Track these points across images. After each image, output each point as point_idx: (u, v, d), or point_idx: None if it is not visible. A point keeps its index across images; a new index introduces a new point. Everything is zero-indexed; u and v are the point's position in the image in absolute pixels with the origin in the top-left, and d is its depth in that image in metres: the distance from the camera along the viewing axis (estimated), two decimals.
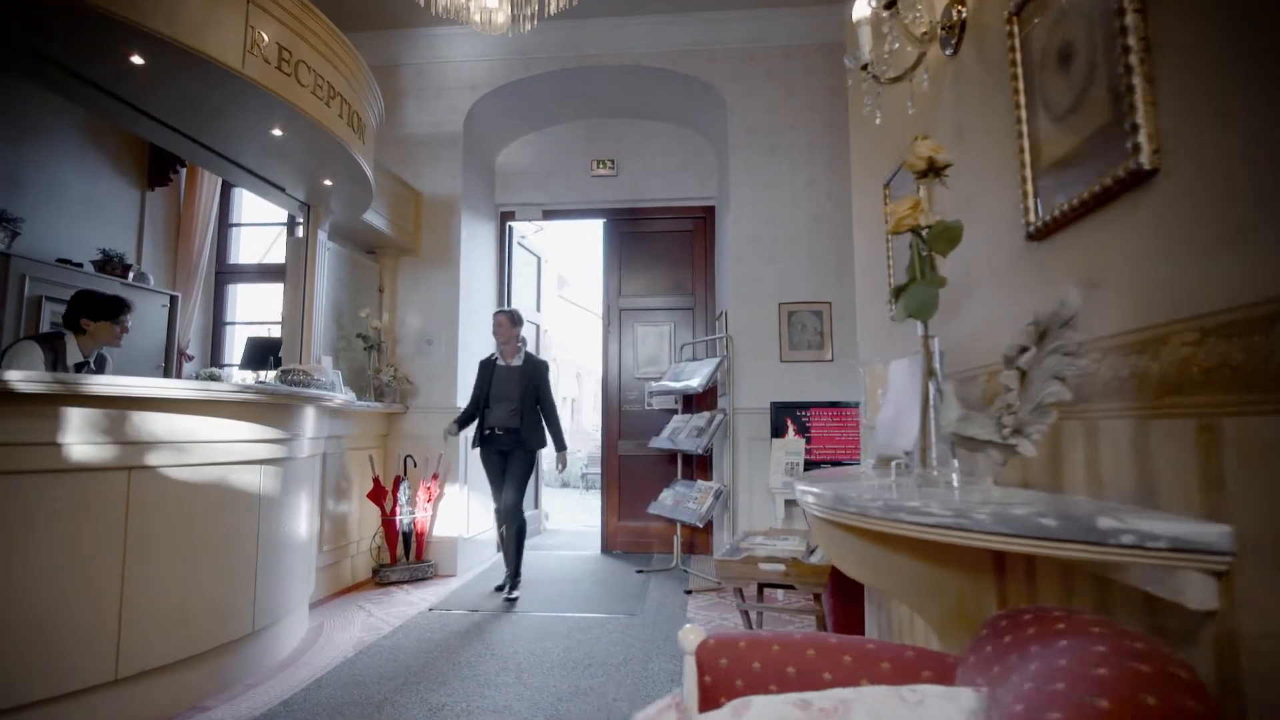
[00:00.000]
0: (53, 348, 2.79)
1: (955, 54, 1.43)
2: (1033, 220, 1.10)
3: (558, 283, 15.83)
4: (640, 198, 5.54)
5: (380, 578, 4.28)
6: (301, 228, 4.01)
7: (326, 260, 4.10)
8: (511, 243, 5.67)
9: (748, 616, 2.14)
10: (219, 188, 5.57)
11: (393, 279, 4.89)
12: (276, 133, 2.98)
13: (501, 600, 3.85)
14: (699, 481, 4.64)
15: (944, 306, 1.30)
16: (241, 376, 4.78)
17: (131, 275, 4.68)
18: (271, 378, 3.45)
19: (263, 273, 5.96)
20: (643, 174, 5.54)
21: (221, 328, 5.84)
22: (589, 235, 16.96)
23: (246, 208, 6.12)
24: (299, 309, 3.90)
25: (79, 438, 2.10)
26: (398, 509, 4.36)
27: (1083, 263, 1.00)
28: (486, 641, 3.19)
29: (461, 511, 4.69)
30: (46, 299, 4.00)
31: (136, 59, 2.38)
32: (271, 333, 5.74)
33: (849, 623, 2.33)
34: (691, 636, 1.24)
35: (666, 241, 5.68)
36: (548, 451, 4.24)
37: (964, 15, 1.40)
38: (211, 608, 2.50)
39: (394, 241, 4.65)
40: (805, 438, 4.28)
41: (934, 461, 1.17)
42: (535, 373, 3.98)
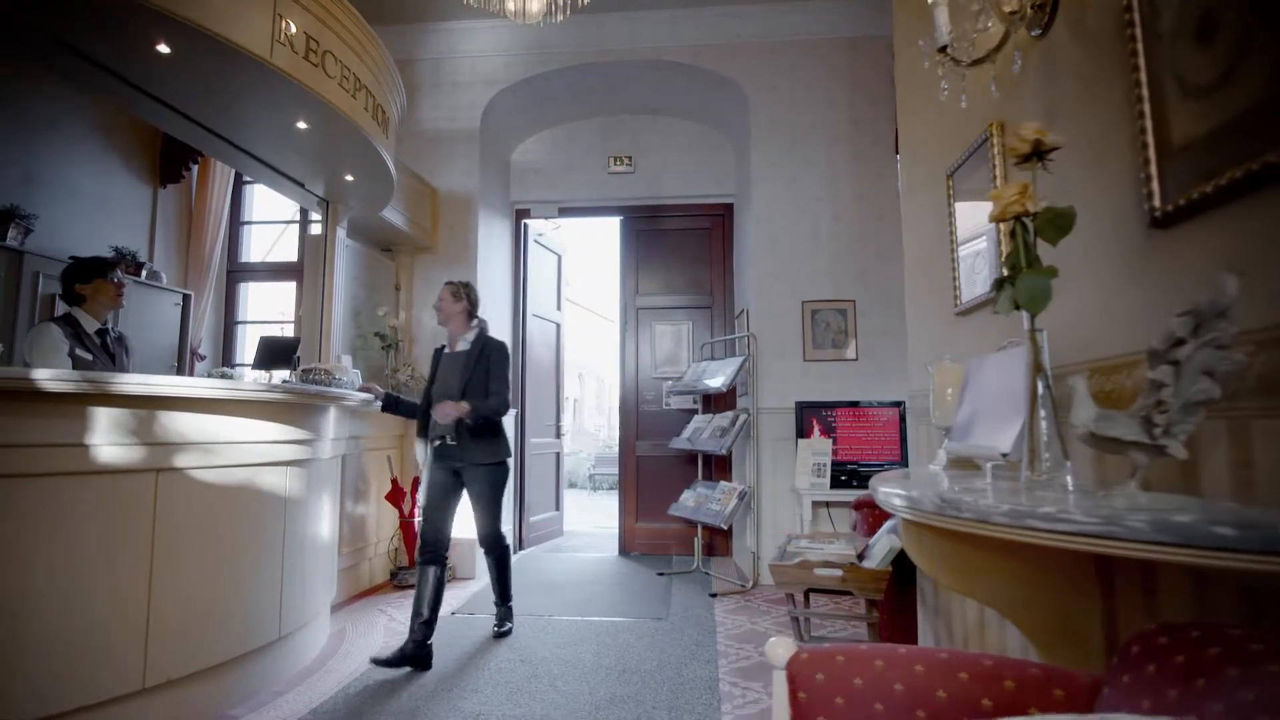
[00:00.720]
0: (70, 324, 2.76)
1: (1044, 34, 1.36)
2: (1157, 206, 1.03)
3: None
4: (658, 195, 5.46)
5: (398, 580, 4.21)
6: (320, 224, 3.93)
7: (345, 258, 4.03)
8: (527, 241, 5.59)
9: (798, 623, 2.07)
10: (230, 185, 5.49)
11: (409, 277, 4.82)
12: (301, 126, 2.91)
13: (493, 635, 3.23)
14: (721, 483, 4.57)
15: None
16: (253, 376, 4.70)
17: (145, 274, 4.60)
18: (294, 378, 3.37)
19: (274, 271, 5.89)
20: (660, 171, 5.46)
21: (233, 327, 5.76)
22: (593, 234, 16.88)
23: (257, 205, 6.05)
24: (317, 307, 3.83)
25: (106, 438, 2.02)
26: (415, 511, 4.29)
27: (1224, 251, 0.93)
28: (515, 647, 3.12)
29: None
30: (59, 297, 3.92)
31: (163, 47, 2.31)
32: (285, 331, 5.67)
33: (899, 630, 2.26)
34: (780, 650, 1.16)
35: (684, 240, 5.60)
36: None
37: None
38: (238, 613, 2.43)
39: (411, 239, 4.57)
40: (831, 438, 4.20)
41: (1045, 464, 1.09)
42: (484, 357, 3.07)
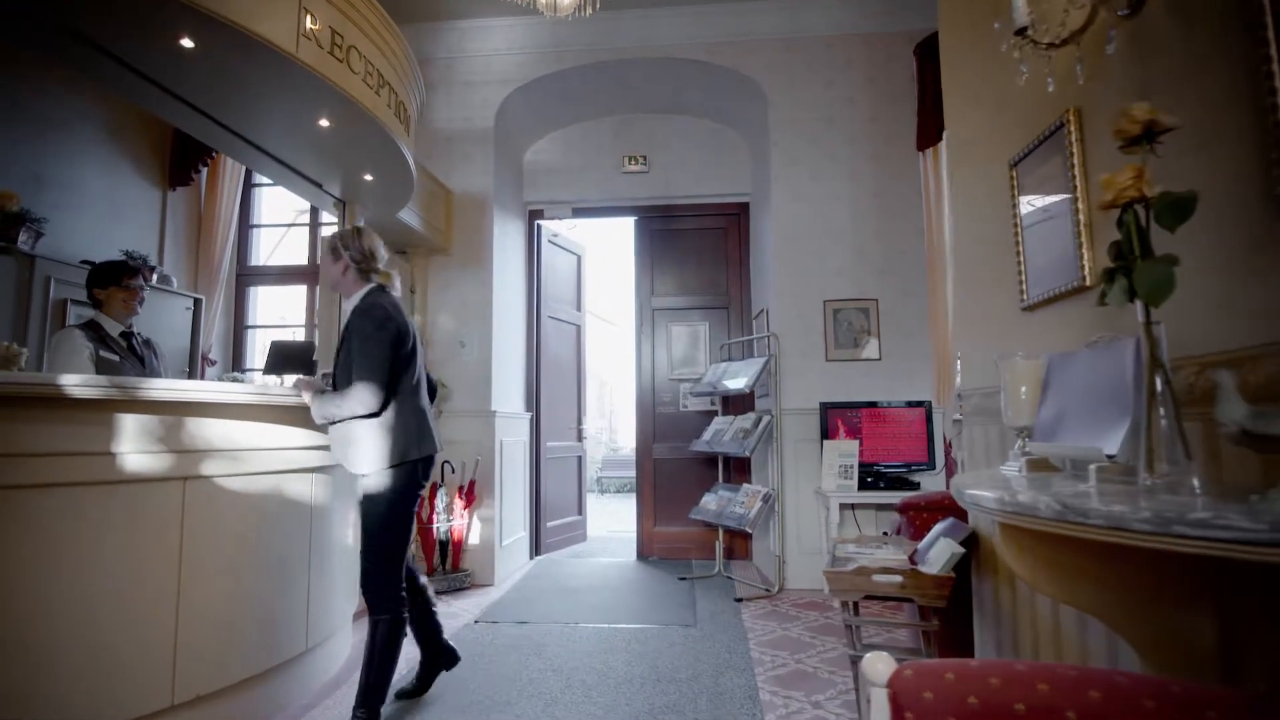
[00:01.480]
0: (93, 329, 2.72)
1: (1133, 13, 1.30)
2: None
3: None
4: (672, 195, 5.40)
5: None
6: (336, 227, 3.86)
7: None
8: (541, 242, 5.51)
9: (852, 631, 2.00)
10: (240, 187, 5.42)
11: (424, 279, 4.75)
12: (324, 123, 2.84)
13: None
14: (744, 486, 4.50)
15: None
16: (264, 382, 4.62)
17: (155, 277, 4.53)
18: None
19: (283, 274, 5.81)
20: (675, 170, 5.40)
21: (243, 331, 5.68)
22: (601, 236, 16.77)
23: (266, 208, 5.97)
24: (335, 310, 3.75)
25: (134, 446, 1.95)
26: (435, 517, 4.21)
27: None
28: (544, 656, 3.04)
29: (495, 518, 4.53)
30: (72, 302, 3.85)
31: (187, 41, 2.24)
32: (295, 335, 5.59)
33: (952, 640, 2.18)
34: (880, 665, 1.09)
35: (699, 239, 5.53)
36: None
37: None
38: (267, 626, 2.35)
39: (426, 240, 4.50)
40: (857, 439, 4.13)
41: (1163, 465, 1.02)
42: (347, 330, 2.31)
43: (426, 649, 2.60)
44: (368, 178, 3.43)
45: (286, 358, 4.47)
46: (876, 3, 4.63)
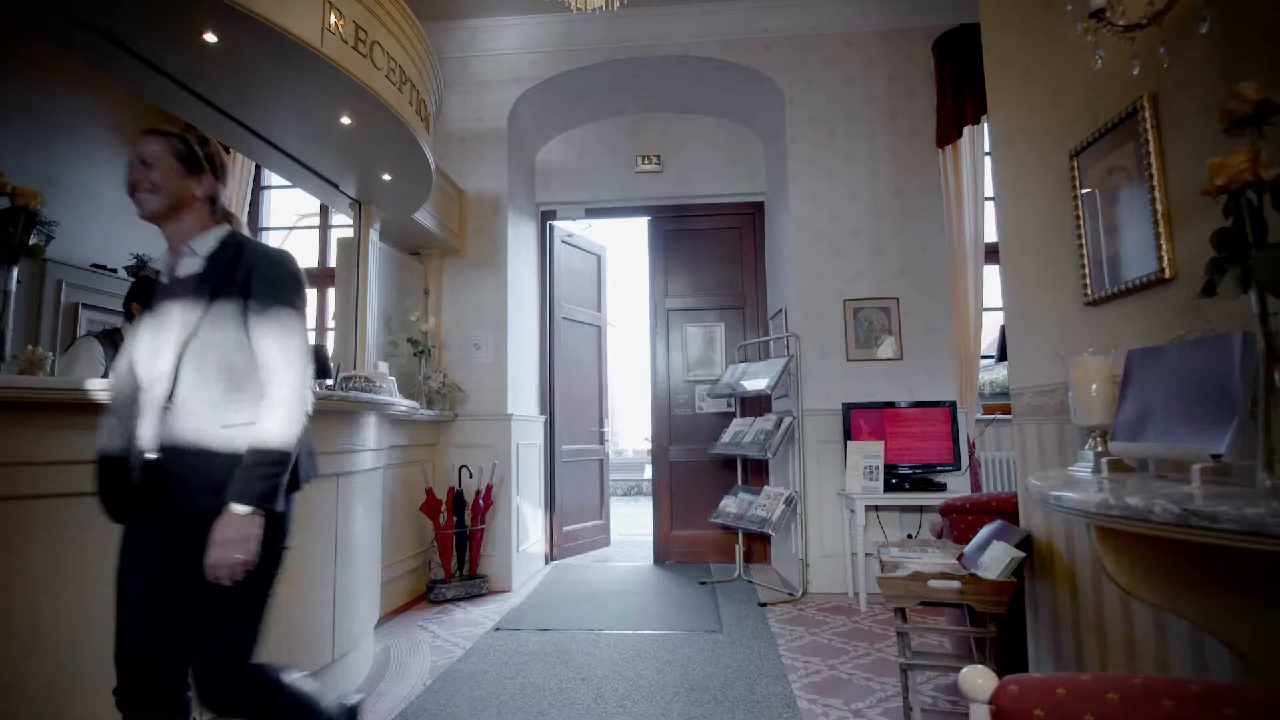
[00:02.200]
0: (113, 342, 2.64)
1: None
2: None
3: None
4: (687, 194, 5.34)
5: (435, 594, 4.06)
6: (353, 228, 3.80)
7: (376, 261, 3.89)
8: (553, 243, 5.45)
9: (904, 639, 1.93)
10: (250, 189, 5.36)
11: (438, 280, 4.68)
12: (345, 120, 2.78)
13: None
14: (766, 488, 4.43)
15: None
16: None
17: None
18: (328, 387, 3.22)
19: None
20: (689, 170, 5.34)
21: None
22: (608, 237, 16.71)
23: (274, 210, 5.91)
24: (351, 312, 3.69)
25: None
26: (451, 522, 4.15)
27: None
28: (570, 664, 2.97)
29: (511, 522, 4.46)
30: (83, 306, 3.78)
31: (210, 36, 2.18)
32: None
33: (1003, 650, 2.11)
34: (980, 680, 1.02)
35: (714, 239, 5.47)
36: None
37: None
38: (295, 637, 2.28)
39: (440, 241, 4.44)
40: (881, 440, 4.06)
41: None
42: (236, 283, 1.51)
43: None
44: (386, 177, 3.37)
45: None
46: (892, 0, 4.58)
